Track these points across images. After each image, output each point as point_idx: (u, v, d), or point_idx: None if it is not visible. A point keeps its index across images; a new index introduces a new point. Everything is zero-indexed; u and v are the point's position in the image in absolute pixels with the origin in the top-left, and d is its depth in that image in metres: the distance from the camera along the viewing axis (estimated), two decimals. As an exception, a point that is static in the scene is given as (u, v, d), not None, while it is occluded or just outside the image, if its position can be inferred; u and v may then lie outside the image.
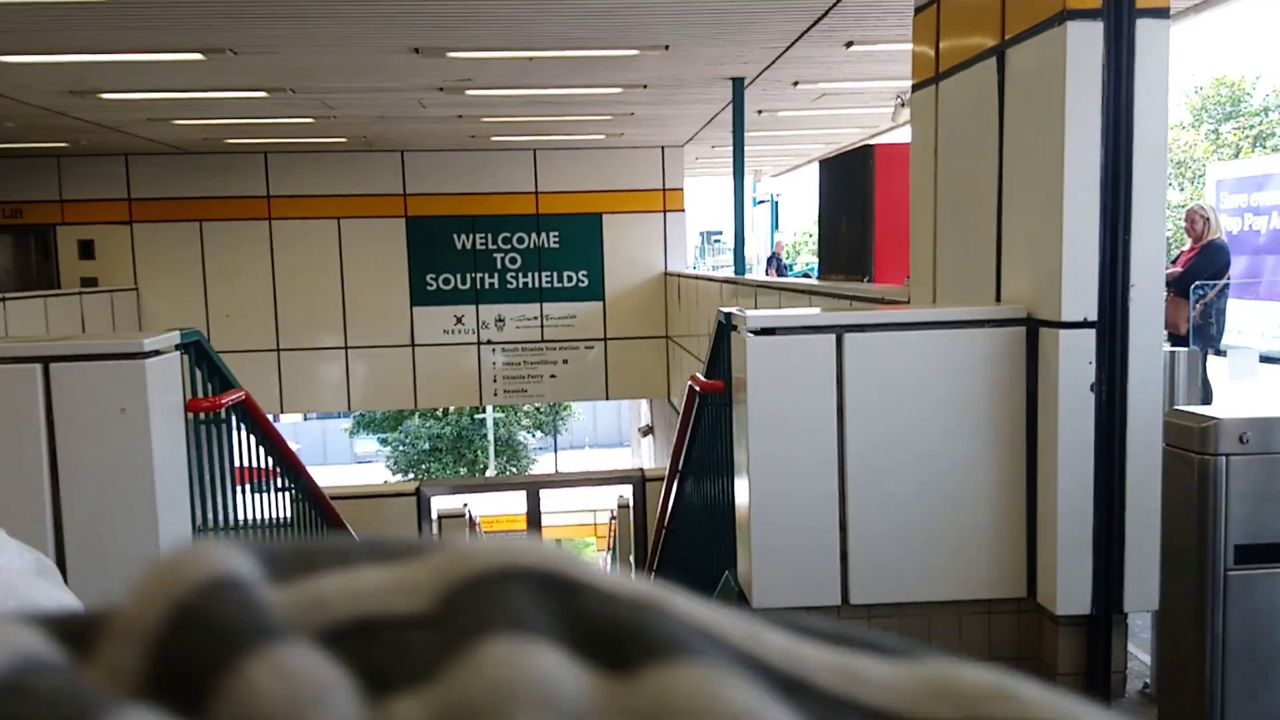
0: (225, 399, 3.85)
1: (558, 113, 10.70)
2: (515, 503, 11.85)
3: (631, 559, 8.76)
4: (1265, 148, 23.75)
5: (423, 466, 22.51)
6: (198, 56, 7.48)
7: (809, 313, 3.33)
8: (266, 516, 4.85)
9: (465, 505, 10.69)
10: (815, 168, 10.71)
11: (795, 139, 14.11)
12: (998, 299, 3.31)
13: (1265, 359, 6.09)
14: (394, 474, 22.23)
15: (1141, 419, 2.88)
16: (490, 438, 22.84)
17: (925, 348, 3.12)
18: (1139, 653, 3.21)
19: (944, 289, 3.83)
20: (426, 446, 22.85)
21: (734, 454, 3.41)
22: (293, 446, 5.26)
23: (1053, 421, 2.96)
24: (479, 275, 13.16)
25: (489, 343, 13.16)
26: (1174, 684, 2.08)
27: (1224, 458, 1.91)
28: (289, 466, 5.04)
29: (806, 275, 18.40)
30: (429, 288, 13.07)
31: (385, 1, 6.35)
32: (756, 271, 17.87)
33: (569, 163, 13.20)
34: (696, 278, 12.59)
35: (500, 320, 13.13)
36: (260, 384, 12.04)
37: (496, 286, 13.19)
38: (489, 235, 13.17)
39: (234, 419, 4.14)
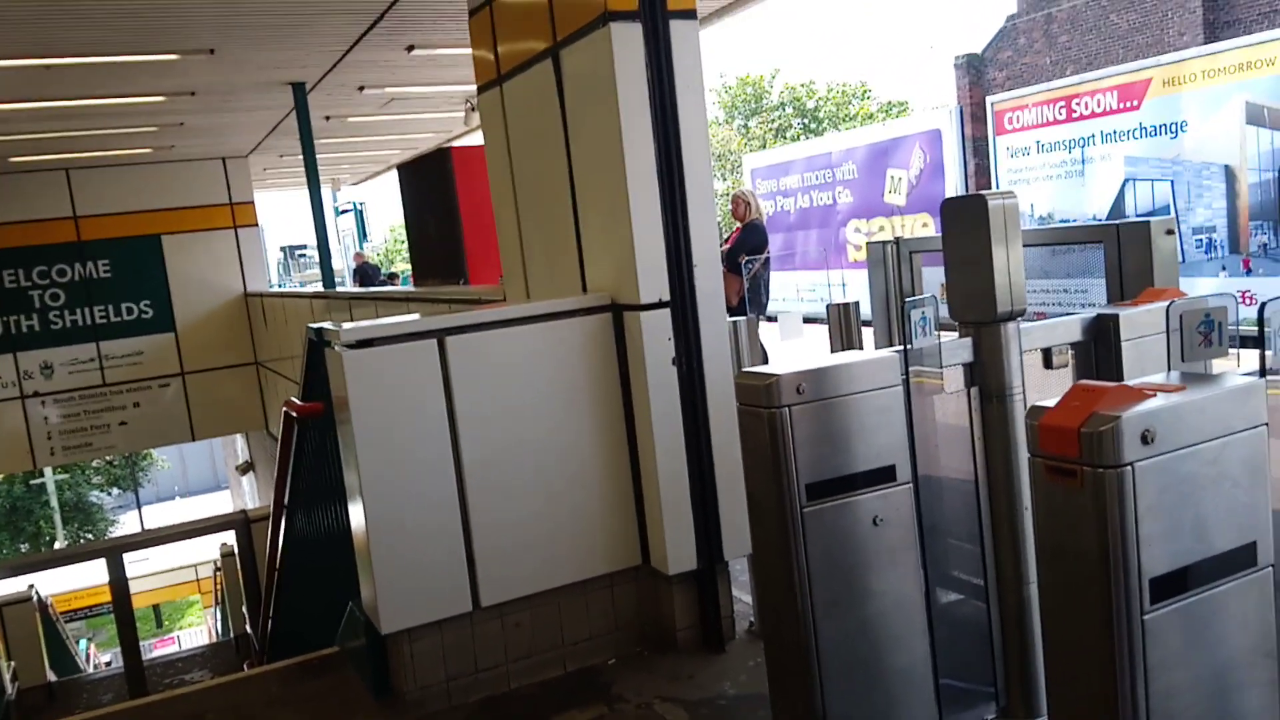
0: None
1: (91, 126, 9.45)
2: (96, 573, 10.35)
3: (244, 610, 8.05)
4: (785, 139, 27.51)
5: (-31, 551, 18.93)
6: None
7: (407, 320, 3.24)
8: None
9: (31, 587, 9.14)
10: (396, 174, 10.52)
11: (370, 144, 13.76)
12: (584, 289, 3.46)
13: (807, 319, 7.01)
14: (-71, 567, 18.42)
15: (717, 384, 3.18)
16: (55, 504, 19.74)
17: (524, 342, 3.18)
18: (742, 595, 3.55)
19: (536, 284, 3.93)
20: (-30, 527, 19.24)
21: (344, 477, 3.24)
22: None
23: (644, 396, 3.17)
24: (13, 319, 11.24)
25: (36, 395, 11.31)
26: (772, 618, 2.31)
27: (787, 409, 2.14)
28: None
29: (392, 278, 18.04)
30: (-52, 340, 10.96)
31: None
32: (348, 285, 17.22)
33: (113, 181, 11.70)
34: (283, 295, 11.84)
35: (47, 367, 11.34)
36: None
37: (38, 329, 11.37)
38: (20, 271, 11.30)
39: None
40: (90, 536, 20.53)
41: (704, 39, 3.27)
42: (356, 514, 3.07)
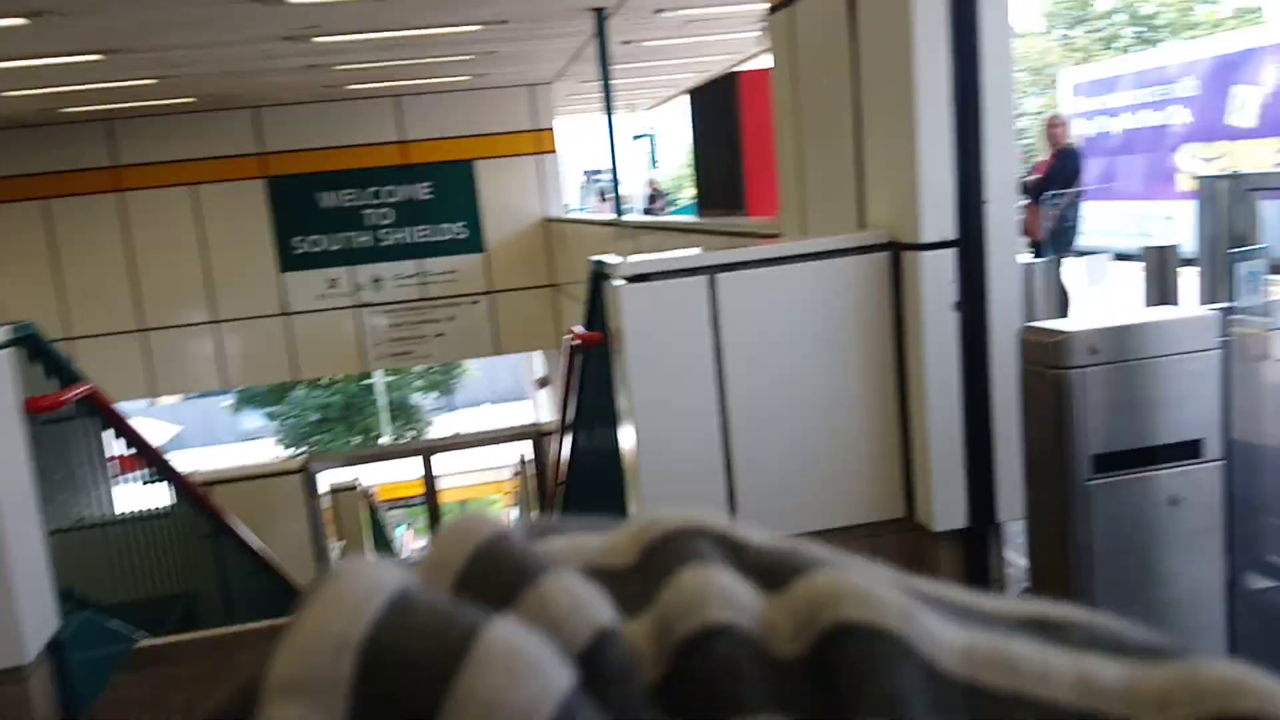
0: (69, 395, 3.58)
1: (416, 55, 10.29)
2: (413, 469, 11.63)
3: (534, 514, 8.73)
4: (1114, 50, 24.66)
5: (313, 439, 21.84)
6: (19, 21, 6.87)
7: (680, 255, 3.27)
8: (136, 511, 4.61)
9: (356, 480, 10.41)
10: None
11: (665, 69, 13.92)
12: (861, 225, 3.31)
13: (1122, 256, 6.33)
14: (285, 448, 21.52)
15: (1002, 334, 2.93)
16: (382, 403, 22.28)
17: (795, 281, 3.11)
18: (1016, 557, 3.32)
19: (813, 217, 3.82)
20: (315, 418, 22.17)
21: (619, 402, 3.36)
22: (173, 429, 5.01)
23: (919, 343, 2.99)
24: (350, 234, 12.62)
25: (367, 305, 12.71)
26: (1046, 590, 2.14)
27: (1077, 370, 1.94)
28: (150, 460, 4.78)
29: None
30: (297, 251, 12.49)
31: (211, -50, 5.92)
32: (637, 212, 17.75)
33: (434, 108, 12.70)
34: (577, 222, 12.40)
35: (378, 280, 12.66)
36: (126, 368, 11.41)
37: (370, 245, 12.68)
38: (357, 191, 12.62)
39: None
40: (412, 434, 23.01)
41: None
42: (628, 438, 3.18)
